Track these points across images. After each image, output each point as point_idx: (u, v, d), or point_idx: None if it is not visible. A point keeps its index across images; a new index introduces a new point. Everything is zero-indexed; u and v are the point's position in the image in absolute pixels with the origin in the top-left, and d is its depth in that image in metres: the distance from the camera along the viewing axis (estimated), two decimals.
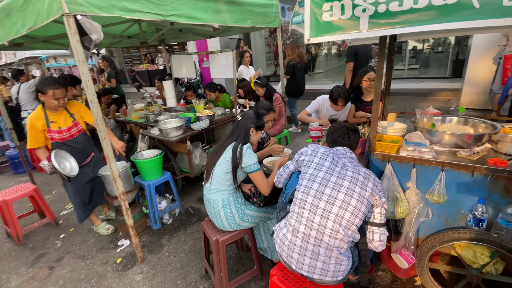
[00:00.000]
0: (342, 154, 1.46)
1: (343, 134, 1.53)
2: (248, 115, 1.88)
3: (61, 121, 2.39)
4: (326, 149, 1.47)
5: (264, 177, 1.77)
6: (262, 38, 10.55)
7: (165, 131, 2.76)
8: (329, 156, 1.42)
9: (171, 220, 2.93)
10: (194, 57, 8.60)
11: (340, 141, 1.53)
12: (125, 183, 2.46)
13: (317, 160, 1.42)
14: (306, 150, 1.52)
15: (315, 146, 1.51)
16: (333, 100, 2.93)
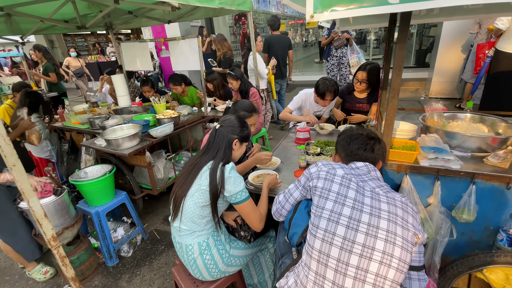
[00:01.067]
0: (365, 174, 1.06)
1: (365, 145, 1.12)
2: (230, 122, 1.39)
3: None
4: (345, 169, 1.06)
5: (255, 208, 1.31)
6: (227, 26, 9.87)
7: (114, 142, 2.13)
8: (352, 180, 1.01)
9: (131, 251, 2.34)
10: (150, 46, 7.65)
11: (361, 155, 1.12)
12: (60, 217, 1.82)
13: (336, 188, 1.00)
14: (318, 171, 1.09)
15: (329, 165, 1.08)
16: (320, 94, 2.56)
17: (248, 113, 1.87)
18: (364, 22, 2.17)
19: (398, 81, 1.26)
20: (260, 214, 1.31)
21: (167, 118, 2.53)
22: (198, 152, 1.41)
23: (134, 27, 4.60)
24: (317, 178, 1.05)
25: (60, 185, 1.90)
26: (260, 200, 1.39)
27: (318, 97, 2.59)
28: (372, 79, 2.49)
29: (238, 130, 1.38)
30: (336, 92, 2.55)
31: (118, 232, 2.36)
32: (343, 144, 1.17)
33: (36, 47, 4.52)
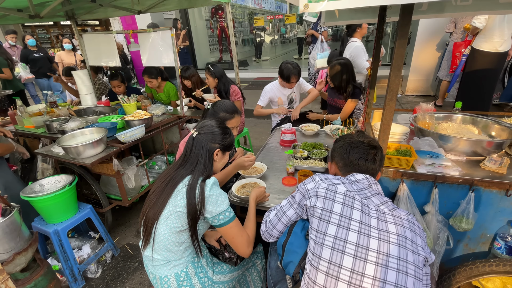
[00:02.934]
0: (367, 188, 0.93)
1: (366, 155, 0.99)
2: (209, 129, 1.19)
3: None
4: (346, 184, 0.92)
5: (241, 230, 1.12)
6: (203, 19, 9.48)
7: (74, 151, 1.83)
8: (355, 199, 0.87)
9: (100, 271, 2.08)
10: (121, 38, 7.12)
11: (362, 165, 0.99)
12: (10, 241, 1.53)
13: (338, 209, 0.85)
14: (316, 187, 0.94)
15: (328, 181, 0.94)
16: (285, 78, 2.58)
17: (229, 115, 1.68)
18: (350, 17, 2.06)
19: (397, 82, 1.14)
20: (248, 237, 1.12)
21: (138, 120, 2.26)
22: (174, 164, 1.20)
23: (100, 17, 4.18)
24: (315, 197, 0.90)
25: (8, 204, 1.60)
26: (247, 219, 1.21)
27: (284, 81, 2.61)
28: (336, 76, 2.50)
29: (220, 137, 1.19)
30: (299, 74, 2.61)
31: (84, 251, 2.09)
32: (341, 152, 1.03)
33: None
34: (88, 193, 2.42)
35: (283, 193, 1.54)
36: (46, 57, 5.46)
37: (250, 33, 11.72)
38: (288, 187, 1.59)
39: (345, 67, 2.47)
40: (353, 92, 2.51)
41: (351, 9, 1.96)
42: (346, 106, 2.55)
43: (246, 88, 7.30)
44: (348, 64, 2.51)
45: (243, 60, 9.73)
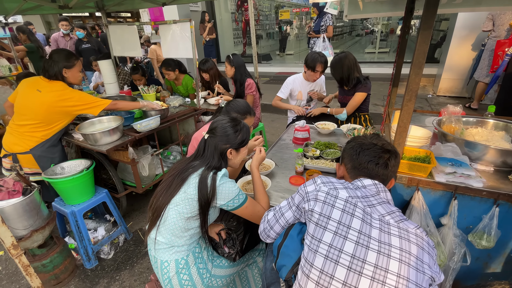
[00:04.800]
0: (373, 195, 0.86)
1: (377, 158, 0.91)
2: (220, 130, 1.20)
3: None
4: (349, 190, 0.86)
5: (256, 206, 1.19)
6: (229, 12, 9.47)
7: (91, 137, 1.92)
8: (357, 206, 0.81)
9: (112, 253, 2.18)
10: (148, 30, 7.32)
11: (371, 169, 0.92)
12: (29, 219, 1.65)
13: (337, 215, 0.80)
14: (315, 190, 0.89)
15: (330, 184, 0.88)
16: (311, 67, 2.48)
17: (242, 115, 1.66)
18: (375, 10, 1.92)
19: (417, 81, 1.05)
20: (263, 210, 1.19)
21: (155, 110, 2.31)
22: (187, 158, 1.23)
23: (128, 9, 4.33)
24: (314, 200, 0.85)
25: (29, 183, 1.72)
26: (256, 191, 1.26)
27: (309, 69, 2.51)
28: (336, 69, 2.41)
29: (232, 138, 1.20)
30: (325, 64, 2.51)
31: (99, 232, 2.19)
32: (351, 153, 0.96)
33: (20, 28, 4.24)
34: (106, 178, 2.54)
35: (289, 192, 1.49)
36: (97, 48, 5.02)
37: (275, 26, 11.53)
38: (295, 187, 1.54)
39: (344, 59, 2.36)
40: (358, 84, 2.39)
41: (377, 1, 1.83)
42: (353, 98, 2.43)
43: (268, 82, 7.23)
44: (348, 56, 2.39)
45: (267, 54, 9.62)
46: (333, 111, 2.49)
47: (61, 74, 1.93)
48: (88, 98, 1.95)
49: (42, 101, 1.86)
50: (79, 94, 1.94)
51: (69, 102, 1.90)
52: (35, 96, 1.87)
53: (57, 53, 1.96)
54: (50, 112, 1.88)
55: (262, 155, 1.37)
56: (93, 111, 1.96)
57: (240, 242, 1.29)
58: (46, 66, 1.92)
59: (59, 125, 1.97)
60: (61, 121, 1.96)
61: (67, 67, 1.95)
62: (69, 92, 1.90)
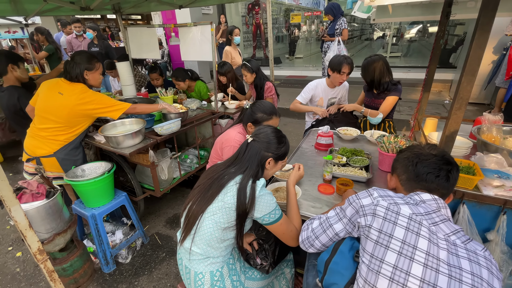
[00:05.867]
0: (435, 211, 0.80)
1: (437, 170, 0.85)
2: (265, 137, 1.17)
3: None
4: (411, 205, 0.79)
5: (290, 224, 1.13)
6: (239, 15, 9.49)
7: (114, 140, 1.91)
8: (422, 224, 0.75)
9: (130, 257, 2.15)
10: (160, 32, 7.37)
11: (430, 182, 0.85)
12: (52, 222, 1.63)
13: (401, 234, 0.74)
14: (373, 204, 0.82)
15: (389, 199, 0.82)
16: (336, 69, 2.39)
17: (267, 116, 1.63)
18: (406, 14, 1.87)
19: (469, 89, 0.99)
20: (296, 230, 1.12)
21: (174, 113, 2.29)
22: (223, 163, 1.19)
23: (144, 11, 4.35)
24: (372, 215, 0.80)
25: (52, 186, 1.70)
26: (290, 209, 1.20)
27: (335, 72, 2.41)
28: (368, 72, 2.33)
29: (274, 147, 1.16)
30: (352, 65, 2.40)
31: (117, 236, 2.17)
32: (406, 164, 0.91)
33: (38, 29, 4.30)
34: (123, 181, 2.52)
35: (319, 201, 1.44)
36: (105, 52, 4.95)
37: (285, 30, 11.53)
38: (324, 195, 1.49)
39: (377, 62, 2.29)
40: (390, 88, 2.32)
41: (408, 4, 1.78)
42: (386, 102, 2.34)
43: (278, 86, 7.19)
44: (381, 59, 2.33)
45: (276, 57, 9.60)
46: (368, 112, 2.37)
47: (82, 76, 1.92)
48: (109, 101, 1.94)
49: (64, 104, 1.84)
50: (100, 96, 1.93)
51: (90, 105, 1.88)
52: (56, 99, 1.86)
53: (79, 55, 1.95)
54: (72, 115, 1.87)
55: (301, 172, 1.34)
56: (113, 114, 1.94)
57: (271, 253, 1.24)
58: (68, 68, 1.91)
59: (81, 128, 1.95)
60: (83, 123, 1.95)
61: (88, 69, 1.93)
62: (90, 95, 1.89)
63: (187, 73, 3.14)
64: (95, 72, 1.96)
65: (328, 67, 2.44)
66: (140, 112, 2.11)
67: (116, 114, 1.94)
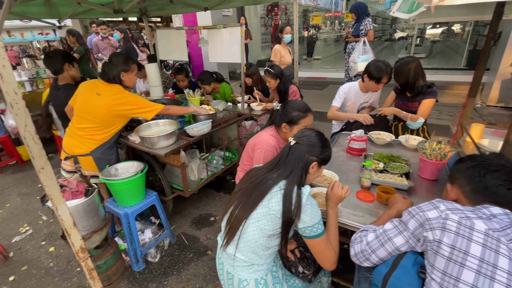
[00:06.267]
0: (508, 227, 0.74)
1: (509, 182, 0.79)
2: (308, 139, 1.14)
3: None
4: (485, 220, 0.74)
5: (329, 244, 1.06)
6: (258, 17, 9.51)
7: (149, 140, 1.94)
8: (501, 241, 0.69)
9: (158, 256, 2.18)
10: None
11: (501, 195, 0.80)
12: (89, 220, 1.66)
13: (478, 251, 0.69)
14: (441, 218, 0.77)
15: (458, 212, 0.76)
16: (376, 78, 2.27)
17: (303, 113, 1.59)
18: (449, 14, 1.79)
19: None
20: (335, 253, 1.06)
21: (204, 115, 2.30)
22: (264, 166, 1.16)
23: (169, 14, 4.41)
24: (441, 230, 0.75)
25: (90, 184, 1.74)
26: (328, 231, 1.12)
27: (372, 81, 2.29)
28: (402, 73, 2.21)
29: (318, 150, 1.12)
30: (391, 74, 2.29)
31: (146, 235, 2.20)
32: (471, 174, 0.85)
33: (70, 31, 4.47)
34: (152, 180, 2.56)
35: (359, 209, 1.39)
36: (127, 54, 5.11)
37: (302, 31, 11.45)
38: (364, 203, 1.43)
39: (411, 63, 2.18)
40: (425, 90, 2.21)
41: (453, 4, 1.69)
42: (423, 106, 2.21)
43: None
44: (415, 61, 2.22)
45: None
46: (408, 117, 2.25)
47: (119, 78, 1.96)
48: (143, 102, 1.97)
49: (102, 105, 1.89)
50: (135, 97, 1.96)
51: (126, 106, 1.92)
52: (94, 100, 1.91)
53: (116, 56, 2.00)
54: (108, 115, 1.92)
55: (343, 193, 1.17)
56: (147, 115, 1.97)
57: (313, 262, 1.20)
58: (105, 69, 1.96)
59: (116, 128, 2.00)
60: (118, 124, 1.99)
61: (125, 71, 1.98)
62: (126, 96, 1.93)
63: (212, 76, 3.15)
64: (131, 73, 2.00)
65: (364, 73, 2.34)
66: (172, 114, 2.14)
67: (150, 115, 1.97)
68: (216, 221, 2.55)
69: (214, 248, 2.23)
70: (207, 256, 2.16)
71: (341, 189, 1.17)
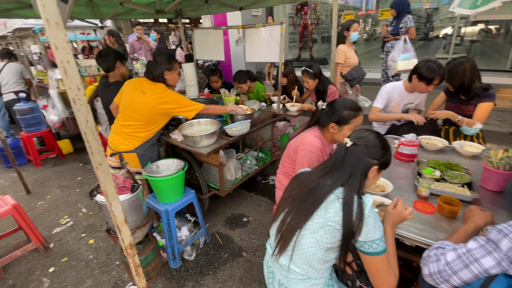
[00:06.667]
0: None
1: None
2: (368, 140, 1.04)
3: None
4: None
5: (389, 266, 0.95)
6: (286, 16, 9.40)
7: (192, 139, 1.95)
8: None
9: (194, 254, 2.19)
10: None
11: None
12: (133, 215, 1.70)
13: None
14: None
15: None
16: (427, 79, 2.10)
17: (354, 112, 1.48)
18: None
19: None
20: (395, 276, 0.94)
21: (241, 114, 2.28)
22: (317, 170, 1.09)
23: (204, 14, 4.47)
24: None
25: (135, 180, 1.78)
26: (391, 255, 1.00)
27: (422, 82, 2.12)
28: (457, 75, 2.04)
29: (379, 153, 1.03)
30: (443, 75, 2.11)
31: (182, 232, 2.22)
32: None
33: (110, 32, 4.68)
34: (189, 178, 2.58)
35: (419, 220, 1.28)
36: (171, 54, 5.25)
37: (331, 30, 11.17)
38: (423, 214, 1.32)
39: (466, 64, 2.02)
40: (481, 93, 2.02)
41: None
42: (480, 110, 2.03)
43: None
44: (471, 61, 2.04)
45: (323, 58, 9.32)
46: (464, 122, 2.08)
47: (162, 76, 1.99)
48: (185, 101, 1.99)
49: (146, 103, 1.93)
50: (178, 96, 1.99)
51: (169, 105, 1.94)
52: (140, 98, 1.95)
53: (160, 55, 2.03)
54: (152, 113, 1.95)
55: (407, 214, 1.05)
56: (188, 114, 1.99)
57: None
58: (150, 68, 2.00)
59: (159, 126, 2.03)
60: (161, 122, 2.03)
61: (168, 69, 2.00)
62: (169, 95, 1.95)
63: (247, 75, 3.13)
64: (174, 72, 2.02)
65: (413, 73, 2.18)
66: (212, 113, 2.14)
67: (191, 114, 1.98)
68: (249, 222, 2.52)
69: (248, 249, 2.20)
70: (242, 257, 2.13)
71: (405, 209, 1.07)
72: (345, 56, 3.38)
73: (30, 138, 3.85)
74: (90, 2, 3.22)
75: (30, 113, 3.83)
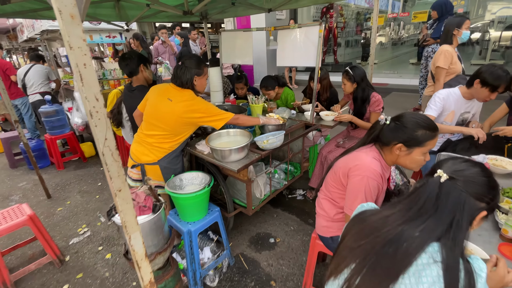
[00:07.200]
0: None
1: None
2: (470, 176, 0.77)
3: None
4: None
5: None
6: (311, 19, 9.13)
7: (220, 153, 1.73)
8: None
9: (217, 279, 1.96)
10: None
11: None
12: (154, 238, 1.50)
13: None
14: None
15: None
16: (492, 85, 1.83)
17: (431, 132, 1.17)
18: None
19: None
20: None
21: (273, 125, 2.04)
22: (394, 212, 0.82)
23: (230, 16, 4.33)
24: None
25: (158, 198, 1.59)
26: None
27: (486, 88, 1.85)
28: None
29: (489, 193, 0.76)
30: (510, 84, 1.87)
31: (205, 254, 2.01)
32: None
33: (135, 35, 4.64)
34: (212, 191, 2.38)
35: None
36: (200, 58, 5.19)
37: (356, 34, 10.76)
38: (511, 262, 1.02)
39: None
40: None
41: None
42: None
43: None
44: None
45: (348, 62, 8.96)
46: None
47: (191, 82, 1.81)
48: (214, 110, 1.79)
49: (172, 111, 1.75)
50: (206, 104, 1.79)
51: (197, 114, 1.75)
52: (166, 105, 1.77)
53: (189, 59, 1.85)
54: (179, 123, 1.77)
55: (510, 280, 0.80)
56: (216, 124, 1.79)
57: None
58: (178, 73, 1.82)
59: (184, 137, 1.85)
60: (187, 132, 1.84)
61: (198, 74, 1.82)
62: (197, 103, 1.76)
63: (275, 81, 2.91)
64: (203, 77, 1.84)
65: (475, 78, 1.89)
66: (242, 124, 1.93)
67: (219, 124, 1.78)
68: (277, 244, 2.26)
69: (277, 278, 1.95)
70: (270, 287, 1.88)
71: (507, 273, 0.79)
72: (452, 60, 2.64)
73: (54, 141, 3.83)
74: (116, 4, 3.14)
75: (54, 116, 3.82)
